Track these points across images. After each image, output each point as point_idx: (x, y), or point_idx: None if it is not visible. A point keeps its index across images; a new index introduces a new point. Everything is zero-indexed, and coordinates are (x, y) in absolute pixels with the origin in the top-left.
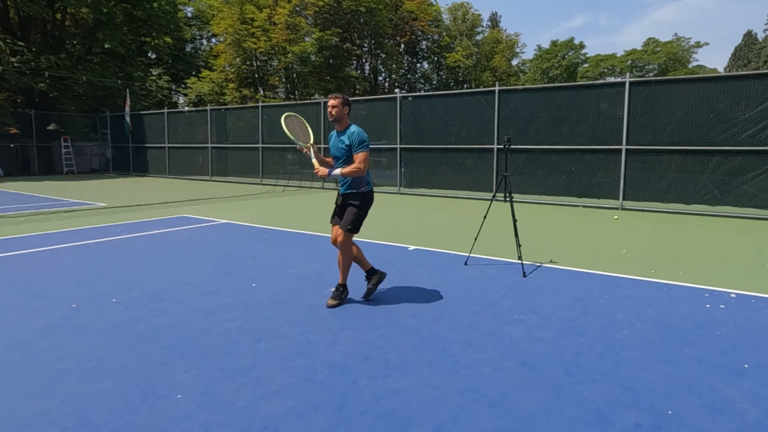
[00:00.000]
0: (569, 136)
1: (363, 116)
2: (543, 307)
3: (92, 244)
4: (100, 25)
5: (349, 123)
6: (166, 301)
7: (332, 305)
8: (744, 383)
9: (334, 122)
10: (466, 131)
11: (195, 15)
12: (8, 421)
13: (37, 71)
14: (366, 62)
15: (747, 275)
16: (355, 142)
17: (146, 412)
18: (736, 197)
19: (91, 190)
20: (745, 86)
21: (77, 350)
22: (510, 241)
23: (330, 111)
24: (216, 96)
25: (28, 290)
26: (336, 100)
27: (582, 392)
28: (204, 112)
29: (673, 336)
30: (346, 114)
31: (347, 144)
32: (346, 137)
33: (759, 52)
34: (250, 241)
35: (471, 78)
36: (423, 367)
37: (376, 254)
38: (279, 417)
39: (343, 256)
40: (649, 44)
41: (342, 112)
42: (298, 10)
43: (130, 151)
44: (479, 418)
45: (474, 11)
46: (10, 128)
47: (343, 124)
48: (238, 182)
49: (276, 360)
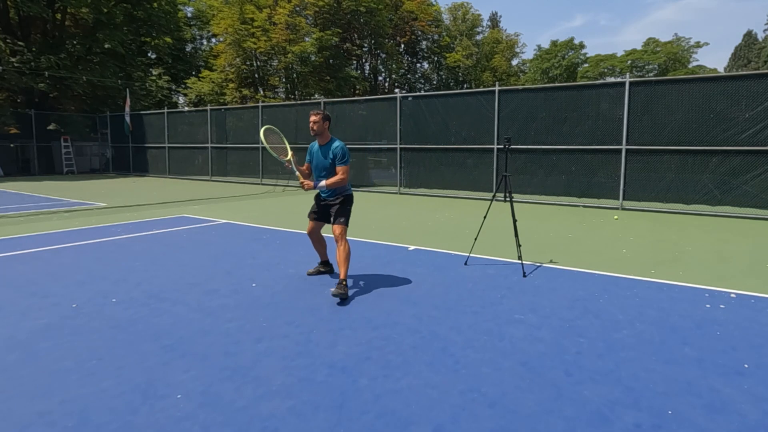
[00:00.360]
0: (569, 136)
1: (363, 116)
2: (543, 307)
3: (92, 244)
4: (100, 25)
5: (330, 137)
6: (166, 301)
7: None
8: (744, 383)
9: (316, 136)
10: (466, 131)
11: (195, 15)
12: (8, 421)
13: (37, 71)
14: (366, 62)
15: (747, 275)
16: (338, 156)
17: (146, 412)
18: (736, 197)
19: (91, 190)
20: (745, 86)
21: (77, 350)
22: (510, 241)
23: (312, 126)
24: (216, 96)
25: (28, 290)
26: (317, 116)
27: (582, 392)
28: (204, 112)
29: (673, 336)
30: (327, 128)
31: (332, 157)
32: (330, 151)
33: (759, 52)
34: (250, 241)
35: (471, 78)
36: (423, 367)
37: (376, 254)
38: (279, 417)
39: (341, 250)
40: (649, 44)
41: (323, 127)
42: (298, 10)
43: (130, 151)
44: (479, 418)
45: (474, 11)
46: (10, 128)
47: (324, 138)
48: (238, 182)
49: (276, 360)
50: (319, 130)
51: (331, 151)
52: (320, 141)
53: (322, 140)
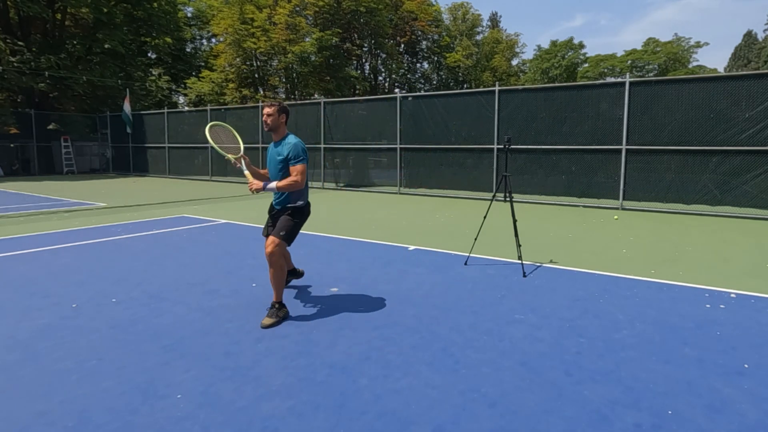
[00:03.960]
0: (569, 136)
1: (363, 116)
2: (543, 307)
3: (92, 244)
4: (100, 25)
5: (286, 132)
6: (166, 301)
7: (268, 325)
8: (744, 383)
9: (270, 132)
10: (466, 131)
11: (195, 15)
12: (8, 421)
13: (37, 71)
14: (366, 62)
15: (747, 275)
16: (291, 153)
17: (146, 412)
18: (736, 197)
19: (91, 190)
20: (745, 86)
21: (77, 350)
22: (510, 241)
23: (265, 119)
24: (216, 96)
25: (28, 290)
26: (271, 108)
27: (582, 392)
28: (204, 112)
29: (673, 336)
30: (283, 123)
31: (284, 156)
32: (283, 148)
33: (759, 52)
34: (250, 241)
35: (471, 78)
36: (423, 367)
37: (377, 254)
38: (279, 417)
39: (273, 269)
40: (649, 44)
41: (278, 121)
42: (298, 10)
43: (130, 151)
44: (479, 418)
45: (474, 11)
46: (10, 128)
47: (279, 134)
48: (238, 182)
49: (276, 360)
50: (273, 125)
51: (284, 146)
52: (275, 138)
53: (277, 137)
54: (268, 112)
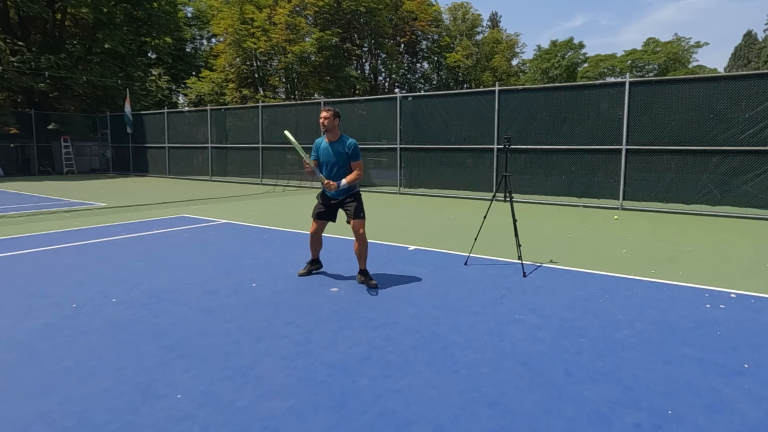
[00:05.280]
0: (569, 136)
1: (363, 116)
2: (543, 307)
3: (92, 244)
4: (100, 25)
5: (341, 134)
6: (166, 301)
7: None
8: (744, 383)
9: (326, 132)
10: (466, 131)
11: (195, 15)
12: (8, 421)
13: (37, 71)
14: (366, 62)
15: (747, 275)
16: (353, 151)
17: (146, 412)
18: (736, 197)
19: (91, 190)
20: (745, 86)
21: (77, 350)
22: (510, 241)
23: (322, 122)
24: (216, 96)
25: (28, 290)
26: (328, 112)
27: (582, 392)
28: (204, 112)
29: (673, 336)
30: (337, 125)
31: (346, 152)
32: (344, 147)
33: (759, 52)
34: (250, 241)
35: (471, 78)
36: (423, 367)
37: (377, 254)
38: (279, 417)
39: (364, 244)
40: (649, 44)
41: (333, 123)
42: (298, 10)
43: (130, 151)
44: (479, 418)
45: (474, 11)
46: (10, 128)
47: (334, 134)
48: (238, 182)
49: (276, 360)
50: (329, 126)
51: (346, 146)
52: (329, 137)
53: (332, 137)
54: (326, 115)
